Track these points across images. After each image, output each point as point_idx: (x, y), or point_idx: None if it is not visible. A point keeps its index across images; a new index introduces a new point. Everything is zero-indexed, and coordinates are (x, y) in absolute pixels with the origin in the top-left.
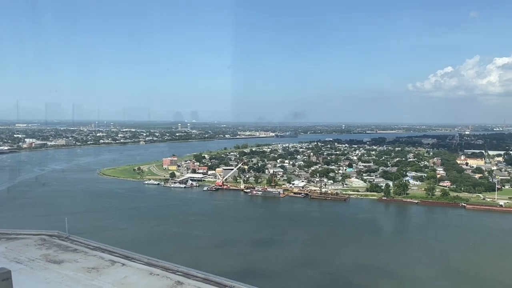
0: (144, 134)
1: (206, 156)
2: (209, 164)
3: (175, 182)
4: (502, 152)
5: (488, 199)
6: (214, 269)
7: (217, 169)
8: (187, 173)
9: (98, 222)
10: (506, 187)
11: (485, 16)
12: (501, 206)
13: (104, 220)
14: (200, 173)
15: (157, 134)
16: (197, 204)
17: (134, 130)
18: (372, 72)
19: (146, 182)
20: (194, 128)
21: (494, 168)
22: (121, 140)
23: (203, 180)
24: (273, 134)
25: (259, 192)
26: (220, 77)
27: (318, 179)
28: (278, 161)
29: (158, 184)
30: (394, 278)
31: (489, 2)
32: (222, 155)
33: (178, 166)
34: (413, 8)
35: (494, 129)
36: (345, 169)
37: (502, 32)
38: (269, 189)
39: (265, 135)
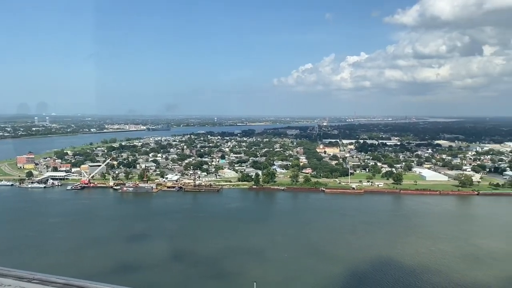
0: None
1: (69, 152)
2: (73, 161)
3: (32, 182)
4: (353, 141)
5: (343, 183)
6: (79, 272)
7: (82, 166)
8: (47, 171)
9: None
10: (357, 171)
11: (338, 18)
12: (353, 188)
13: None
14: (62, 171)
15: (9, 129)
16: (59, 204)
17: None
18: (242, 67)
19: None
20: (54, 122)
21: (347, 155)
22: None
23: (67, 179)
24: (144, 127)
25: (130, 189)
26: (81, 66)
27: (192, 172)
28: (150, 155)
29: (12, 185)
30: (262, 261)
31: (341, 5)
32: (88, 150)
33: (36, 164)
34: (276, 7)
35: (347, 120)
36: (218, 161)
37: (352, 33)
38: (141, 185)
39: (135, 129)
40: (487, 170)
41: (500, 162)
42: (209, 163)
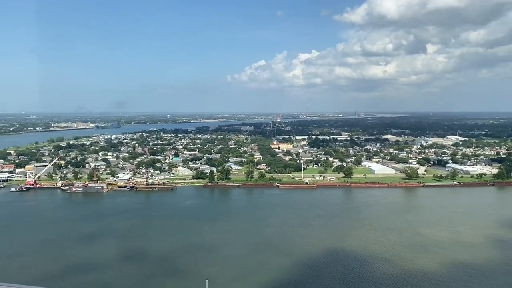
0: None
1: (12, 152)
2: (16, 161)
3: None
4: (306, 137)
5: (297, 178)
6: (23, 277)
7: (27, 166)
8: None
9: None
10: (310, 166)
11: (290, 16)
12: (306, 183)
13: None
14: (5, 172)
15: None
16: (2, 207)
17: None
18: (194, 63)
19: None
20: None
21: (300, 150)
22: None
23: (10, 180)
24: (93, 125)
25: (79, 189)
26: (23, 62)
27: (144, 171)
28: (100, 154)
29: None
30: (216, 258)
31: (292, 3)
32: (33, 150)
33: None
34: (228, 4)
35: (300, 117)
36: (172, 159)
37: (303, 30)
38: (91, 185)
39: (84, 127)
40: (431, 162)
41: (443, 155)
42: (162, 161)
